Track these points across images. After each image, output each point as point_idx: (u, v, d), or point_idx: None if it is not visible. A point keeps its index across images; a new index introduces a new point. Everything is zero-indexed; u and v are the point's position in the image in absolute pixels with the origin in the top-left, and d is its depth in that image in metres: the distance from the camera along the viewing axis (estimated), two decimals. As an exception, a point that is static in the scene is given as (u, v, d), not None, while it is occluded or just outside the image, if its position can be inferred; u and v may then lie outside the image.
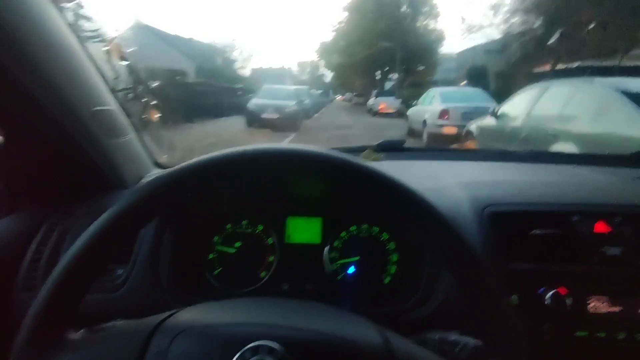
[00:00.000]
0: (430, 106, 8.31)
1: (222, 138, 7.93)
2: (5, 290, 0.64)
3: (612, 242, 0.64)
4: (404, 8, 28.26)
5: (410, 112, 10.84)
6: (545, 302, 0.60)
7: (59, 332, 0.38)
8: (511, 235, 0.66)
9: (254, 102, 10.99)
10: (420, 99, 10.63)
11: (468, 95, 8.51)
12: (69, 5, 0.62)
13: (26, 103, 0.60)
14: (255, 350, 0.34)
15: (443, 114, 7.49)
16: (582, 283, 0.62)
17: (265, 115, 9.94)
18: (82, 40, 0.67)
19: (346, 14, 30.32)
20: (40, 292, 0.38)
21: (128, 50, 0.80)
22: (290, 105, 10.73)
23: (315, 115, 17.04)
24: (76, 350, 0.37)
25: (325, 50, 36.66)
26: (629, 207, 0.69)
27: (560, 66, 10.38)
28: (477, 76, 15.13)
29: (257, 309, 0.42)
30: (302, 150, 0.41)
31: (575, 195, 0.75)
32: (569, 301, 0.59)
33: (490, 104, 6.85)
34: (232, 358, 0.34)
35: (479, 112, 6.25)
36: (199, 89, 13.31)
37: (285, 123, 9.78)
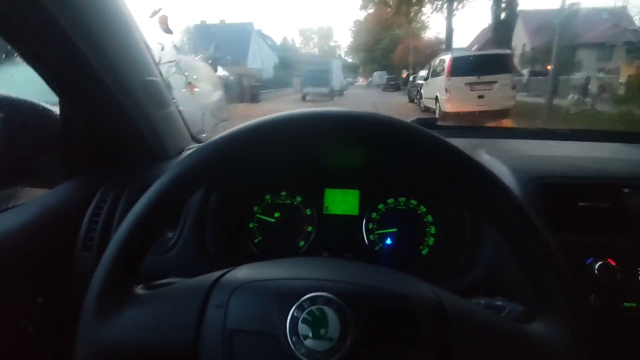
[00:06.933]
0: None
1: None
2: (68, 249, 0.69)
3: None
4: None
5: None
6: (593, 273, 0.59)
7: (126, 286, 0.40)
8: (558, 207, 0.64)
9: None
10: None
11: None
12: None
13: (83, 70, 0.63)
14: (313, 300, 0.35)
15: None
16: (630, 255, 0.60)
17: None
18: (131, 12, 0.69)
19: None
20: (108, 250, 0.40)
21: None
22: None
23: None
24: (142, 303, 0.39)
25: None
26: None
27: None
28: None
29: (311, 266, 0.43)
30: (360, 115, 0.41)
31: (623, 168, 0.73)
32: (617, 272, 0.58)
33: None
34: (290, 308, 0.35)
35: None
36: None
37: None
